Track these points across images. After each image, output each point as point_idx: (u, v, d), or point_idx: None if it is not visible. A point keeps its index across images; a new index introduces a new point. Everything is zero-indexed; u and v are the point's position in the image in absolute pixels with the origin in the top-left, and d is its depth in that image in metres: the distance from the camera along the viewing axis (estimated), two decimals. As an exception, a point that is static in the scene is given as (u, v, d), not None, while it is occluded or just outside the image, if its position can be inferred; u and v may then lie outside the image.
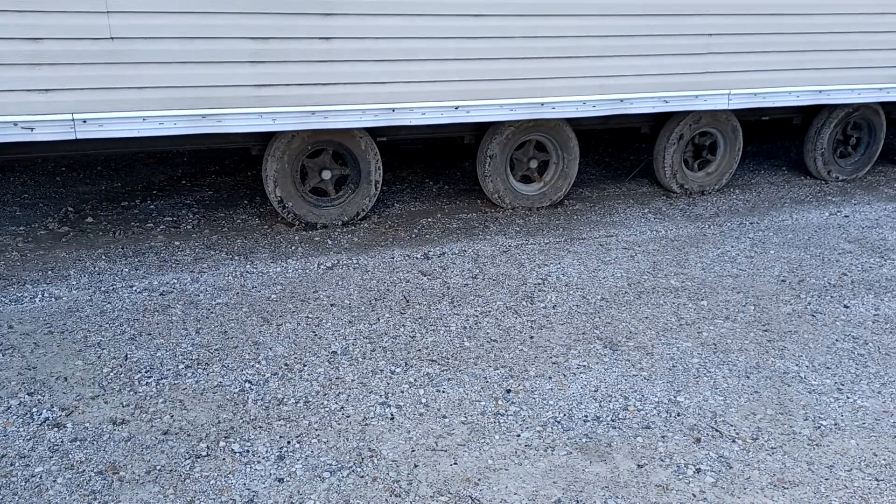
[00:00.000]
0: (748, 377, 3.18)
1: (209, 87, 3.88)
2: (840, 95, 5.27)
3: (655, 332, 3.56)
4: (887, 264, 4.35)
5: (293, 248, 4.42)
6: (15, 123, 3.61)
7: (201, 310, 3.63)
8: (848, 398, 3.04)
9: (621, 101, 4.74)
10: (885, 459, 2.67)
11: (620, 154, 6.63)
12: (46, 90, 3.61)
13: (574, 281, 4.08)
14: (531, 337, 3.49)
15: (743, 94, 5.00)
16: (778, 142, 7.10)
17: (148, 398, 2.92)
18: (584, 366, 3.25)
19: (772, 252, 4.51)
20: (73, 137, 3.73)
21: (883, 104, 5.69)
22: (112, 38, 3.62)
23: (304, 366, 3.20)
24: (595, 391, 3.07)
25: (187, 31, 3.75)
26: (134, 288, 3.81)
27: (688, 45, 4.72)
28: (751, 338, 3.51)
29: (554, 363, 3.27)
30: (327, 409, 2.91)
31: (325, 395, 3.00)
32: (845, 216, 5.16)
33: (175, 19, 3.71)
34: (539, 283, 4.04)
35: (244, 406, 2.90)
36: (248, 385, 3.04)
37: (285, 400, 2.95)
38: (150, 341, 3.32)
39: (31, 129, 3.65)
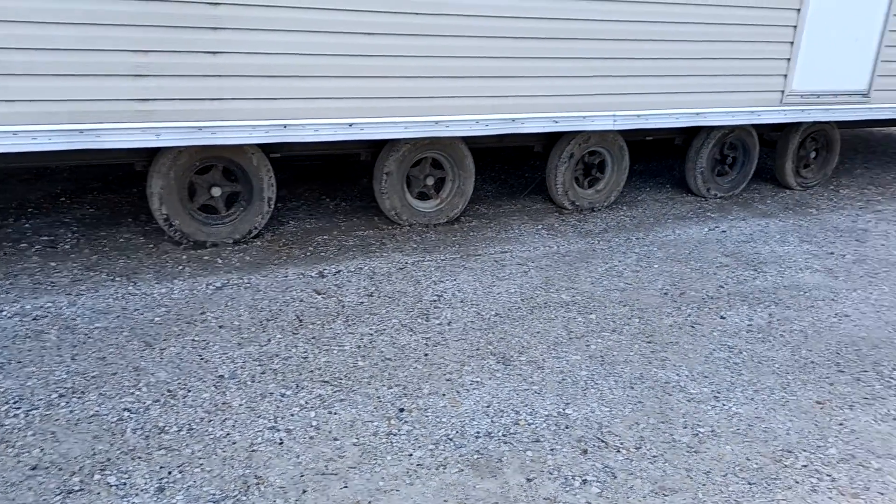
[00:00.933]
0: (632, 388, 3.30)
1: (87, 100, 3.69)
2: (716, 118, 5.60)
3: (546, 346, 3.64)
4: (760, 276, 4.63)
5: (180, 267, 4.26)
6: None
7: (78, 335, 3.43)
8: (724, 405, 3.21)
9: (513, 120, 4.85)
10: (757, 464, 2.83)
11: (516, 171, 6.78)
12: None
13: (469, 297, 4.12)
14: (426, 354, 3.49)
15: (627, 115, 5.22)
16: (662, 161, 7.46)
17: (15, 431, 2.73)
18: (478, 381, 3.29)
19: (656, 266, 4.72)
20: (-66, 152, 3.47)
21: (755, 126, 6.08)
22: (-21, 47, 3.40)
23: (189, 391, 3.08)
24: (487, 407, 3.10)
25: (63, 42, 3.56)
26: (4, 313, 3.56)
27: (576, 69, 4.89)
28: (635, 349, 3.65)
29: (448, 380, 3.28)
30: (212, 437, 2.80)
31: (210, 421, 2.90)
32: (723, 231, 5.47)
33: (49, 30, 3.51)
34: (435, 300, 4.05)
35: (122, 436, 2.76)
36: (126, 413, 2.89)
37: (167, 428, 2.83)
38: (21, 370, 3.11)
39: None
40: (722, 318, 4.05)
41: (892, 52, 6.09)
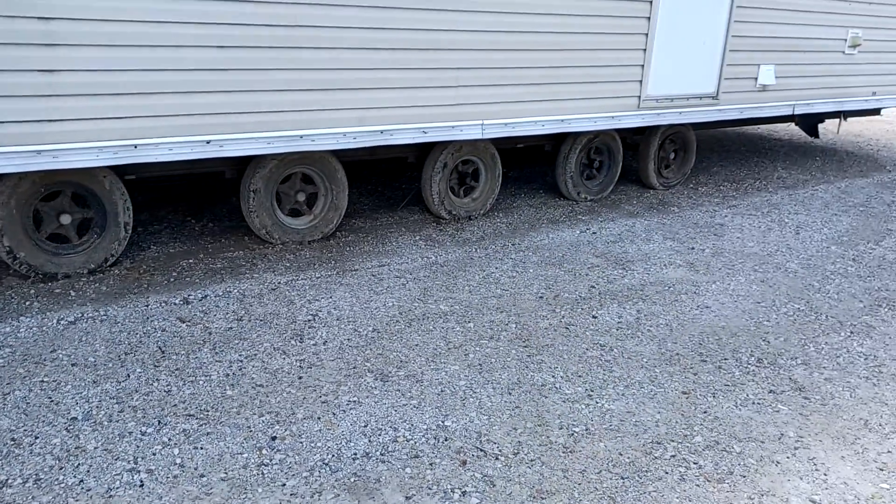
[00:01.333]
0: (510, 393, 3.31)
1: None
2: (579, 124, 5.79)
3: (425, 358, 3.60)
4: (628, 275, 4.80)
5: (28, 303, 3.92)
6: None
7: None
8: (597, 403, 3.27)
9: (382, 132, 4.80)
10: (629, 458, 2.90)
11: (393, 183, 6.74)
12: None
13: (346, 314, 4.02)
14: (300, 377, 3.36)
15: (495, 124, 5.29)
16: (535, 167, 7.64)
17: None
18: (355, 401, 3.19)
19: (531, 271, 4.79)
20: None
21: (617, 130, 6.33)
22: None
23: (36, 438, 2.81)
24: (365, 426, 3.02)
25: None
26: None
27: (441, 79, 4.91)
28: (513, 355, 3.67)
29: (324, 402, 3.17)
30: (63, 485, 2.57)
31: (61, 468, 2.65)
32: (593, 233, 5.64)
33: None
34: (309, 320, 3.93)
35: (-45, 497, 2.47)
36: (-39, 471, 2.60)
37: (10, 481, 2.57)
38: None
39: None
40: (594, 317, 4.15)
41: (735, 56, 6.52)
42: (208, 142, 4.16)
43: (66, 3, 3.54)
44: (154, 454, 2.77)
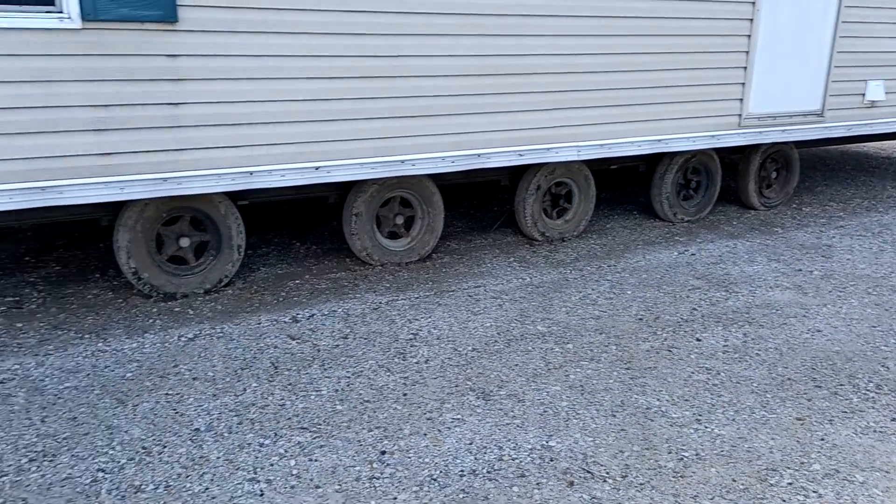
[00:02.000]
0: (614, 415, 3.29)
1: (48, 157, 3.65)
2: (677, 144, 5.71)
3: (525, 378, 3.62)
4: (732, 297, 4.68)
5: (151, 321, 4.18)
6: None
7: (47, 396, 3.33)
8: (706, 428, 3.21)
9: (479, 155, 4.89)
10: (743, 484, 2.82)
11: (485, 206, 6.83)
12: None
13: (445, 334, 4.10)
14: (405, 394, 3.45)
15: (591, 145, 5.30)
16: (628, 188, 7.56)
17: (-18, 502, 2.63)
18: (459, 419, 3.25)
19: (629, 292, 4.75)
20: None
21: (716, 149, 6.21)
22: (-67, 109, 3.36)
23: (164, 447, 3.00)
24: (470, 444, 3.06)
25: (21, 100, 3.53)
26: (-34, 378, 3.46)
27: (538, 102, 4.98)
28: (615, 377, 3.64)
29: (428, 419, 3.24)
30: (190, 492, 2.73)
31: (187, 476, 2.82)
32: (692, 254, 5.54)
33: (6, 89, 3.49)
34: (411, 339, 4.03)
35: (97, 498, 2.67)
36: (100, 474, 2.80)
37: (143, 487, 2.75)
38: (-14, 437, 3.01)
39: None
40: (698, 340, 4.07)
41: (841, 72, 6.30)
42: (317, 168, 4.36)
43: (191, 40, 3.82)
44: (272, 465, 2.91)
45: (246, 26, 3.93)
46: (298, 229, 5.97)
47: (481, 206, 6.81)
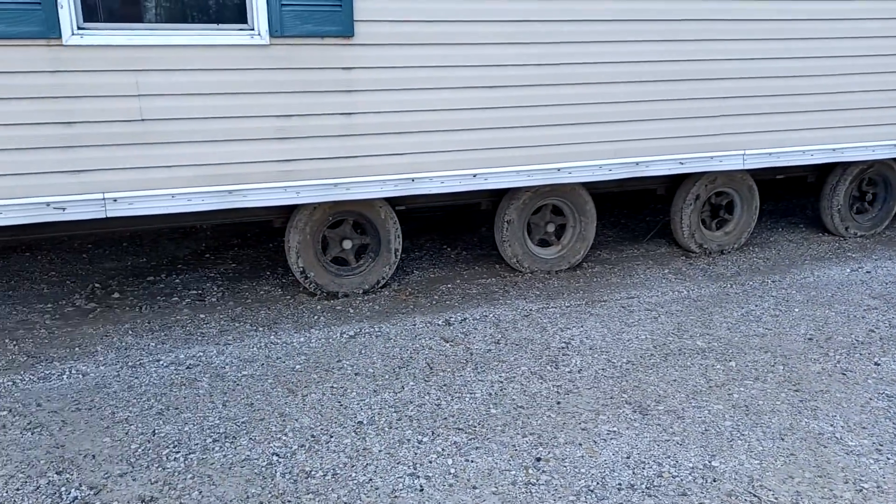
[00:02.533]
0: (783, 439, 3.12)
1: (236, 163, 3.99)
2: (854, 153, 5.32)
3: (685, 394, 3.51)
4: (915, 319, 4.30)
5: (316, 317, 4.44)
6: (48, 204, 3.72)
7: (227, 382, 3.63)
8: (888, 459, 2.97)
9: (637, 164, 4.81)
10: (931, 523, 2.59)
11: (637, 215, 6.68)
12: (79, 171, 3.73)
13: (598, 344, 4.06)
14: (558, 402, 3.45)
15: (757, 154, 5.06)
16: (793, 199, 7.12)
17: (176, 474, 2.90)
18: (615, 431, 3.21)
19: (796, 310, 4.48)
20: (104, 216, 3.83)
21: (897, 159, 5.73)
22: (143, 120, 3.76)
23: (331, 437, 3.18)
24: (627, 458, 3.01)
25: (214, 111, 3.88)
26: (160, 362, 3.83)
27: (701, 108, 4.82)
28: (782, 398, 3.45)
29: (583, 429, 3.23)
30: (356, 482, 2.87)
31: (352, 466, 2.97)
32: (867, 272, 5.13)
33: (202, 101, 3.85)
34: (563, 347, 4.02)
35: (272, 480, 2.87)
36: (275, 458, 3.02)
37: (313, 473, 2.92)
38: (178, 415, 3.32)
39: (63, 209, 3.76)
40: (876, 364, 3.77)
41: None
42: (475, 175, 4.47)
43: (365, 53, 4.04)
44: (430, 462, 3.00)
45: (414, 38, 4.11)
46: (449, 235, 6.11)
47: (633, 216, 6.67)
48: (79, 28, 3.57)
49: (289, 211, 4.54)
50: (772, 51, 4.85)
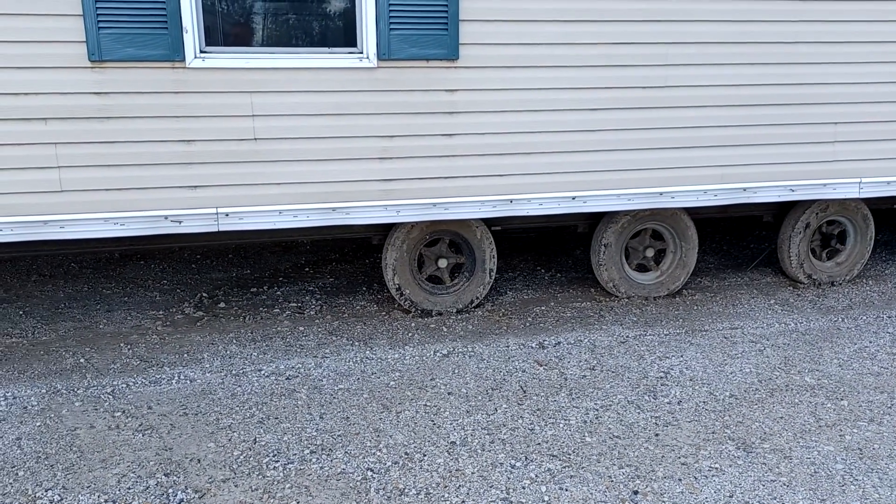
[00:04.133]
0: (903, 488, 2.92)
1: (340, 182, 4.11)
2: None
3: (792, 433, 3.34)
4: None
5: (410, 334, 4.50)
6: (165, 217, 3.94)
7: (324, 395, 3.72)
8: None
9: (744, 189, 4.64)
10: None
11: (740, 242, 6.44)
12: (195, 187, 3.94)
13: (699, 375, 3.92)
14: (656, 434, 3.35)
15: (875, 182, 4.79)
16: (913, 229, 6.70)
17: (275, 483, 2.99)
18: (717, 468, 3.08)
19: (917, 349, 4.20)
20: (216, 230, 4.02)
21: None
22: (256, 139, 3.93)
23: (424, 455, 3.19)
24: (730, 497, 2.89)
25: (322, 131, 4.01)
26: (262, 371, 3.97)
27: (814, 134, 4.61)
28: (902, 444, 3.23)
29: (683, 464, 3.12)
30: (448, 502, 2.87)
31: (445, 487, 2.98)
32: None
33: (311, 121, 3.99)
34: (661, 377, 3.90)
35: (367, 495, 2.91)
36: (370, 473, 3.06)
37: (406, 490, 2.95)
38: (278, 425, 3.42)
39: (180, 222, 3.97)
40: None
41: None
42: (574, 198, 4.43)
43: (468, 76, 4.10)
44: (524, 488, 2.97)
45: (517, 61, 4.12)
46: (542, 257, 6.07)
47: (736, 243, 6.43)
48: (201, 52, 3.78)
49: (387, 228, 4.63)
50: (890, 74, 4.59)
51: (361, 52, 3.96)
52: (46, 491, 2.91)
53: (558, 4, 4.08)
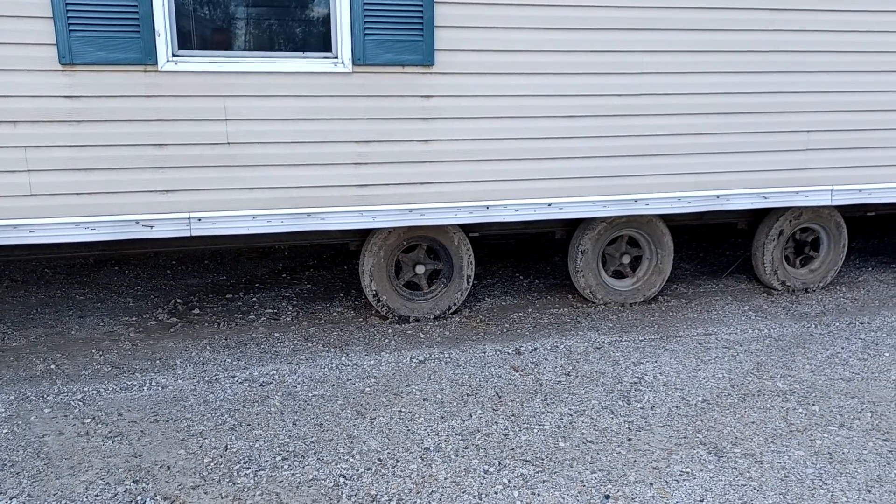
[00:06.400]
0: (870, 490, 2.94)
1: (315, 187, 4.09)
2: (956, 189, 5.04)
3: (763, 438, 3.36)
4: None
5: (387, 340, 4.48)
6: (137, 221, 3.90)
7: (298, 401, 3.69)
8: None
9: (718, 197, 4.68)
10: None
11: (716, 249, 6.49)
12: (167, 191, 3.90)
13: (672, 381, 3.94)
14: (629, 439, 3.36)
15: (847, 189, 4.85)
16: (885, 237, 6.78)
17: (246, 490, 2.96)
18: (688, 472, 3.09)
19: (887, 355, 4.24)
20: (188, 234, 3.98)
21: None
22: (229, 143, 3.91)
23: (398, 461, 3.18)
24: (700, 501, 2.90)
25: (297, 136, 4.00)
26: (235, 378, 3.93)
27: (787, 142, 4.67)
28: (870, 447, 3.26)
29: (655, 468, 3.12)
30: (420, 509, 2.86)
31: (418, 493, 2.96)
32: (968, 317, 4.82)
33: (285, 126, 3.97)
34: (635, 382, 3.92)
35: (338, 501, 2.89)
36: (342, 480, 3.04)
37: (378, 497, 2.93)
38: (250, 432, 3.39)
39: (151, 227, 3.93)
40: (977, 417, 3.52)
41: None
42: (549, 204, 4.44)
43: (444, 81, 4.11)
44: (496, 493, 2.96)
45: (493, 68, 4.14)
46: (521, 263, 6.08)
47: (711, 250, 6.48)
48: (173, 55, 3.76)
49: (364, 234, 4.62)
50: (862, 83, 4.67)
51: (336, 58, 3.95)
52: (11, 500, 2.86)
53: (534, 12, 4.11)
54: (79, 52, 3.60)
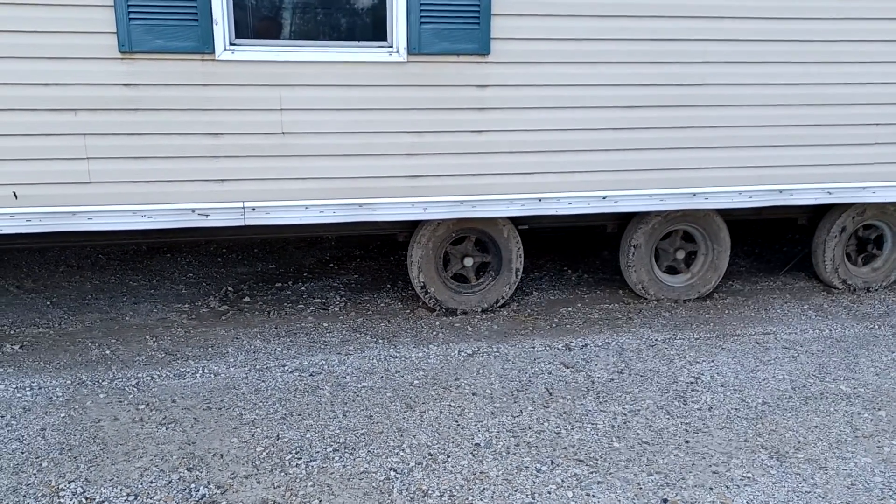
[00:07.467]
0: (945, 504, 2.81)
1: (367, 177, 4.07)
2: None
3: (828, 443, 3.24)
4: None
5: (434, 333, 4.44)
6: (193, 210, 3.92)
7: (348, 392, 3.68)
8: None
9: (780, 191, 4.52)
10: None
11: (773, 245, 6.30)
12: (223, 180, 3.92)
13: (730, 381, 3.82)
14: (686, 441, 3.27)
15: (918, 185, 4.65)
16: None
17: (298, 480, 2.95)
18: (749, 477, 2.99)
19: (959, 359, 4.06)
20: (242, 224, 4.00)
21: None
22: (283, 133, 3.90)
23: (448, 457, 3.14)
24: (763, 507, 2.80)
25: (350, 126, 3.97)
26: (286, 367, 3.94)
27: (854, 135, 4.48)
28: (944, 458, 3.12)
29: (714, 472, 3.03)
30: (472, 506, 2.82)
31: (469, 489, 2.92)
32: None
33: (339, 115, 3.95)
34: (691, 382, 3.81)
35: (389, 495, 2.87)
36: (392, 473, 3.01)
37: (430, 492, 2.90)
38: (301, 422, 3.39)
39: (207, 216, 3.95)
40: None
41: None
42: (604, 197, 4.34)
43: (499, 71, 4.03)
44: (549, 493, 2.90)
45: (549, 57, 4.05)
46: (569, 257, 5.99)
47: (768, 245, 6.29)
48: (230, 44, 3.76)
49: (413, 226, 4.58)
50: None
51: (391, 46, 3.91)
52: (70, 483, 2.91)
53: None
54: (138, 41, 3.62)
